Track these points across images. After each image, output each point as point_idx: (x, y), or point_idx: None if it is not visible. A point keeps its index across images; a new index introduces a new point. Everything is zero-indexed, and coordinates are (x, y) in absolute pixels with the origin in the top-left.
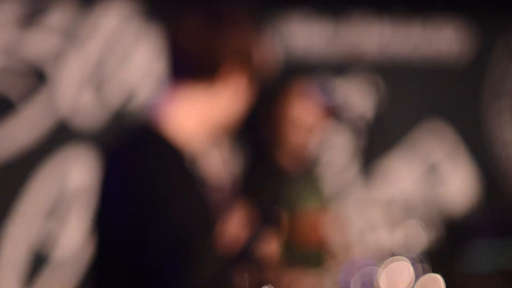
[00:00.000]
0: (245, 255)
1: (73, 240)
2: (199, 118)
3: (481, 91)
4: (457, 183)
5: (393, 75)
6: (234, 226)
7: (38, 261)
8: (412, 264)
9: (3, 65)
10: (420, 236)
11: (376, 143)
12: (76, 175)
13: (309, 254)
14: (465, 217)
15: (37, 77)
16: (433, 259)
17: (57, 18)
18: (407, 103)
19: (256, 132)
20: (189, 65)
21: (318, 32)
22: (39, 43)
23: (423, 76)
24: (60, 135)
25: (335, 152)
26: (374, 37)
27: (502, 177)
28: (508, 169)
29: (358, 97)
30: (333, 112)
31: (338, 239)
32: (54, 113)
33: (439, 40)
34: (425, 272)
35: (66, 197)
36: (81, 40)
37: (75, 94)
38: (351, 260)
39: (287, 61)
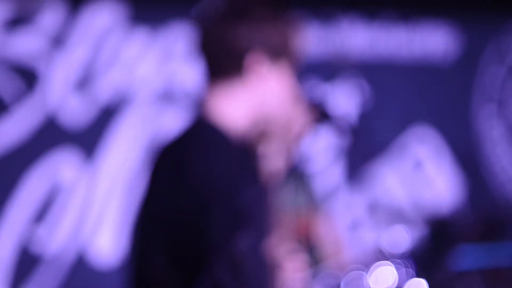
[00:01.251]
0: None
1: (63, 239)
2: (242, 111)
3: (470, 95)
4: (443, 187)
5: (380, 78)
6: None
7: (28, 261)
8: (397, 269)
9: None
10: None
11: (362, 145)
12: (66, 174)
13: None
14: (451, 221)
15: (27, 77)
16: (419, 262)
17: (46, 19)
18: (394, 106)
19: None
20: (214, 59)
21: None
22: (29, 43)
23: (411, 79)
24: (50, 135)
25: (320, 153)
26: (362, 39)
27: (488, 181)
28: (495, 174)
29: (344, 99)
30: (318, 112)
31: (327, 240)
32: (44, 113)
33: (428, 42)
34: (410, 276)
35: (57, 196)
36: (70, 41)
37: (64, 94)
38: (339, 264)
39: None
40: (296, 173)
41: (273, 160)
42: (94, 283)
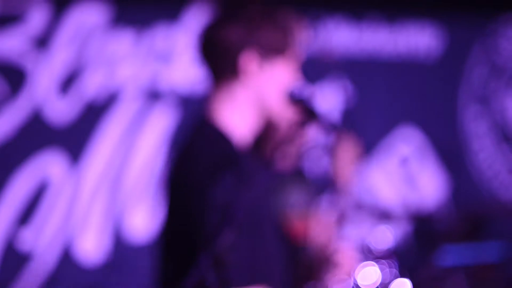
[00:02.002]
0: None
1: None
2: (242, 110)
3: (455, 93)
4: (428, 185)
5: (366, 76)
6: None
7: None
8: (382, 269)
9: None
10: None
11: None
12: (52, 173)
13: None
14: (436, 219)
15: (13, 77)
16: (403, 260)
17: (32, 18)
18: (379, 105)
19: None
20: (211, 62)
21: None
22: (14, 43)
23: (397, 77)
24: (36, 133)
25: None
26: (347, 38)
27: (473, 179)
28: (480, 172)
29: (329, 98)
30: (304, 110)
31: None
32: (30, 112)
33: (413, 42)
34: (394, 276)
35: (44, 194)
36: (56, 40)
37: (51, 93)
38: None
39: None
40: (296, 174)
41: (283, 159)
42: (80, 280)
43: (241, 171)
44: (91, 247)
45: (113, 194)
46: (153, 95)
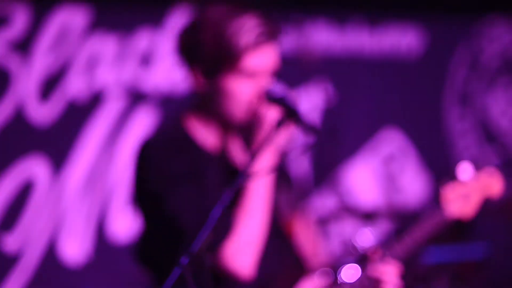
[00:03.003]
0: None
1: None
2: (206, 120)
3: (439, 93)
4: (412, 185)
5: (348, 76)
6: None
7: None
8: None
9: None
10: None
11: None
12: (36, 174)
13: None
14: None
15: (0, 76)
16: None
17: (15, 20)
18: (362, 105)
19: None
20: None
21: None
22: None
23: (380, 77)
24: (20, 134)
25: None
26: (330, 39)
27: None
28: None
29: (311, 98)
30: (285, 109)
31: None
32: (14, 113)
33: (396, 42)
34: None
35: (27, 196)
36: (39, 42)
37: (35, 95)
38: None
39: None
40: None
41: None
42: (63, 280)
43: (199, 177)
44: (74, 248)
45: (96, 195)
46: (136, 96)
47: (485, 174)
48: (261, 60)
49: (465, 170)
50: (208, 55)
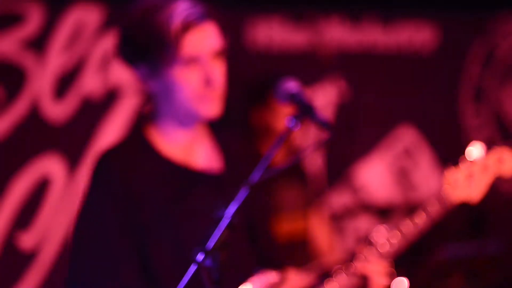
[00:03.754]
0: None
1: (47, 235)
2: (162, 124)
3: (454, 92)
4: (428, 185)
5: (362, 72)
6: None
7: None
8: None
9: None
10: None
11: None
12: (52, 171)
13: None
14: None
15: (14, 75)
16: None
17: (30, 18)
18: (376, 103)
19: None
20: None
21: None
22: (13, 42)
23: (394, 75)
24: (36, 132)
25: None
26: (344, 36)
27: None
28: None
29: (325, 95)
30: (299, 106)
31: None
32: (30, 110)
33: (411, 39)
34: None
35: (43, 193)
36: (55, 40)
37: (51, 92)
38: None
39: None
40: (293, 172)
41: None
42: None
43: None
44: None
45: None
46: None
47: (495, 152)
48: (197, 42)
49: (474, 150)
50: (145, 50)
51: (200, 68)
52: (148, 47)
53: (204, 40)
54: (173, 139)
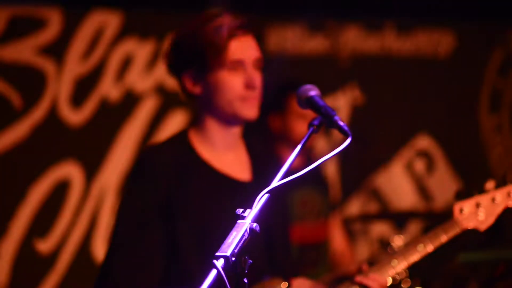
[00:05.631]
0: None
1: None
2: (203, 128)
3: (474, 103)
4: (446, 193)
5: (383, 83)
6: None
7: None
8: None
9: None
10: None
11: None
12: (70, 173)
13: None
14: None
15: (34, 79)
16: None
17: (50, 24)
18: (397, 112)
19: (264, 125)
20: None
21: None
22: (33, 47)
23: (415, 83)
24: (54, 135)
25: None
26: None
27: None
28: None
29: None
30: (318, 113)
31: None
32: (50, 112)
33: (430, 47)
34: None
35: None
36: (73, 46)
37: (69, 95)
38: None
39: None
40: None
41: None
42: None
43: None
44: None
45: None
46: (169, 97)
47: (506, 188)
48: (241, 48)
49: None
50: (193, 57)
51: (243, 72)
52: (200, 53)
53: (247, 48)
54: (212, 144)
